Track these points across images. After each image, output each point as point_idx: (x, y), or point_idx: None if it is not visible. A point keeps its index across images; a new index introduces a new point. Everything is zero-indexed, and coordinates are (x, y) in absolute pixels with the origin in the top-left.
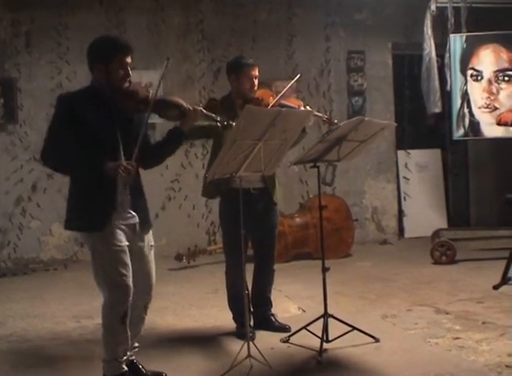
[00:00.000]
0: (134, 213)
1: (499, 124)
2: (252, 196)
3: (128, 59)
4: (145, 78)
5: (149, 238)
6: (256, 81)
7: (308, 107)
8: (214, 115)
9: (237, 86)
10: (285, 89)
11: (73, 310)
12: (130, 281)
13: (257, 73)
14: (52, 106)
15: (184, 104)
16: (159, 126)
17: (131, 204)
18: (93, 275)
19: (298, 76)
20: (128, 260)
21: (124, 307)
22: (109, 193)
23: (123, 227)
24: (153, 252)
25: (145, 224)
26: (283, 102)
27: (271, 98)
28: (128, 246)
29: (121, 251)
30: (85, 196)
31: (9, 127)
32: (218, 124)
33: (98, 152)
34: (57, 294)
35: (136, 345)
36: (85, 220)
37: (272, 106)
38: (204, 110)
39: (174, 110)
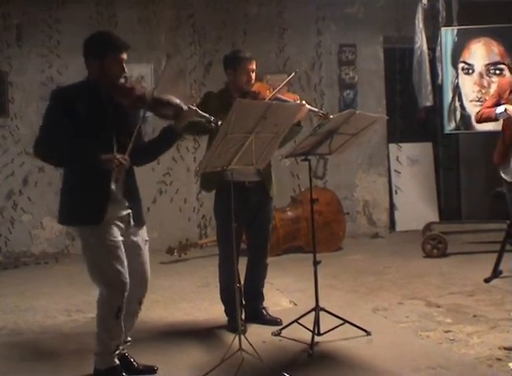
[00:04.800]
0: (127, 206)
1: (479, 121)
2: (247, 189)
3: (124, 56)
4: (136, 72)
5: (143, 233)
6: (253, 75)
7: (303, 102)
8: (208, 115)
9: (234, 80)
10: (282, 84)
11: (64, 304)
12: (126, 277)
13: (254, 67)
14: (42, 99)
15: (179, 104)
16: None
17: (126, 199)
18: (87, 270)
19: (294, 73)
20: (123, 255)
21: (119, 303)
22: (104, 187)
23: (117, 223)
24: (147, 247)
25: (138, 221)
26: (280, 96)
27: (267, 92)
28: (122, 241)
29: (116, 247)
30: (79, 190)
31: (0, 120)
32: (212, 125)
33: (91, 147)
34: (48, 287)
35: (129, 339)
36: (80, 214)
37: (268, 100)
38: (199, 110)
39: (170, 110)
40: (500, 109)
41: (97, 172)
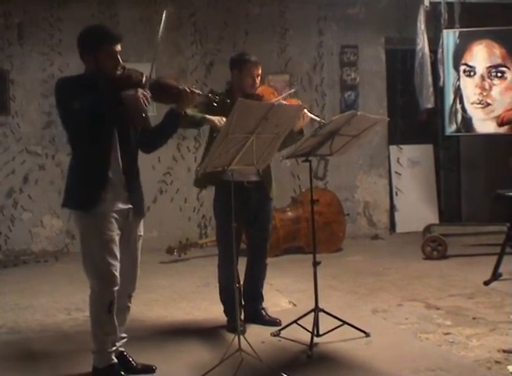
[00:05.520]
0: (128, 199)
1: (501, 124)
2: (247, 189)
3: (117, 48)
4: None
5: (139, 228)
6: (258, 80)
7: (305, 111)
8: (209, 94)
9: (239, 82)
10: (283, 95)
11: (63, 302)
12: (117, 271)
13: (259, 71)
14: (43, 97)
15: (179, 86)
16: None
17: (127, 191)
18: (82, 262)
19: (293, 91)
20: (116, 250)
21: (110, 296)
22: (102, 173)
23: (115, 215)
24: (140, 242)
25: (138, 213)
26: (283, 102)
27: (271, 96)
28: (118, 234)
29: (111, 241)
30: (79, 174)
31: (1, 118)
32: (215, 104)
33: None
34: (48, 286)
35: (124, 335)
36: (77, 198)
37: None
38: (199, 91)
39: (170, 93)
40: None
41: (98, 158)
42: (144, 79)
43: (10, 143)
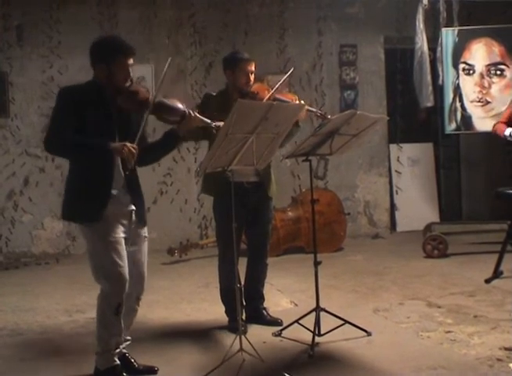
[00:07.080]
0: (130, 202)
1: (494, 134)
2: (246, 190)
3: (130, 61)
4: (136, 72)
5: (144, 229)
6: (252, 76)
7: (302, 102)
8: (209, 121)
9: (233, 81)
10: (279, 83)
11: (64, 304)
12: (126, 272)
13: (253, 68)
14: (43, 99)
15: (183, 109)
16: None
17: (129, 194)
18: (90, 267)
19: (291, 70)
20: (123, 251)
21: (118, 298)
22: (104, 186)
23: (120, 219)
24: (146, 243)
25: (140, 218)
26: (278, 96)
27: (266, 92)
28: (124, 237)
29: (117, 242)
30: (81, 187)
31: (1, 121)
32: (214, 131)
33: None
34: (48, 288)
35: (128, 338)
36: (81, 211)
37: (266, 100)
38: (201, 117)
39: (173, 115)
40: (508, 131)
41: (99, 171)
42: (150, 97)
43: (10, 146)
